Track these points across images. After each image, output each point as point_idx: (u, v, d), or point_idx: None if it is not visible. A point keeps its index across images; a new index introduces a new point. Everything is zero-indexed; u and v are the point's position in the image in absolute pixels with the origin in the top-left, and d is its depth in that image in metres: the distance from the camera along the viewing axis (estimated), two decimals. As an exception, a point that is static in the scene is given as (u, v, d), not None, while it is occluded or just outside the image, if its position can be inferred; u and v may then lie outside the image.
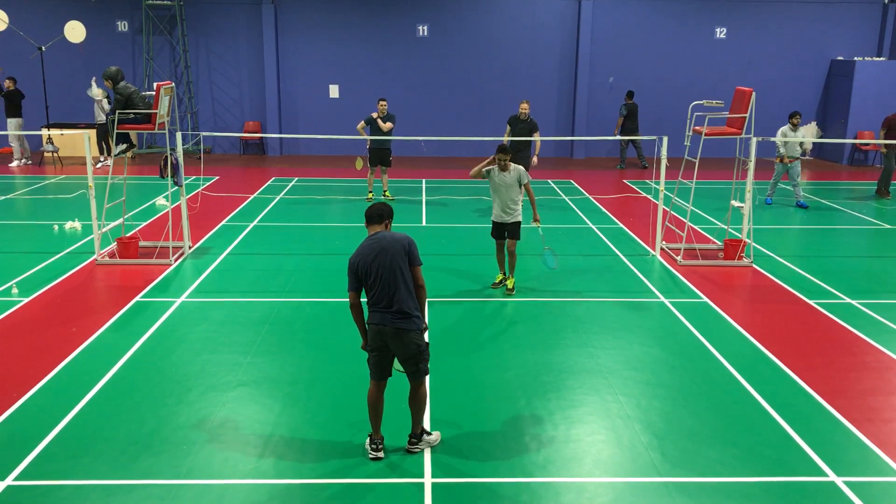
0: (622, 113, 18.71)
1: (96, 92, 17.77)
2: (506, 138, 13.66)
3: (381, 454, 5.60)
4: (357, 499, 5.11)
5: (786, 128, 14.26)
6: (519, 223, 9.18)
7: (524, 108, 13.55)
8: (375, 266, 5.35)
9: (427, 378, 5.67)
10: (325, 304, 8.88)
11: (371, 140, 13.98)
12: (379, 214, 5.65)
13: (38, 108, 19.00)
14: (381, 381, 5.61)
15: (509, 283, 9.37)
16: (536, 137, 13.49)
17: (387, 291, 5.34)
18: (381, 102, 13.94)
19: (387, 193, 14.66)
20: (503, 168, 8.94)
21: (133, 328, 8.00)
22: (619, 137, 16.58)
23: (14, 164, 18.02)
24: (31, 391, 6.52)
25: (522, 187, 9.09)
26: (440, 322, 8.21)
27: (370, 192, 14.62)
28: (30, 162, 18.43)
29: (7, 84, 17.66)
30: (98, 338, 7.72)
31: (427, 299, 5.67)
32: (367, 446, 5.62)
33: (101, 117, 17.91)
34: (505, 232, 9.19)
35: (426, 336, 5.71)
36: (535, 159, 13.63)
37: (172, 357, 7.29)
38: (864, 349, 7.73)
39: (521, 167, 9.07)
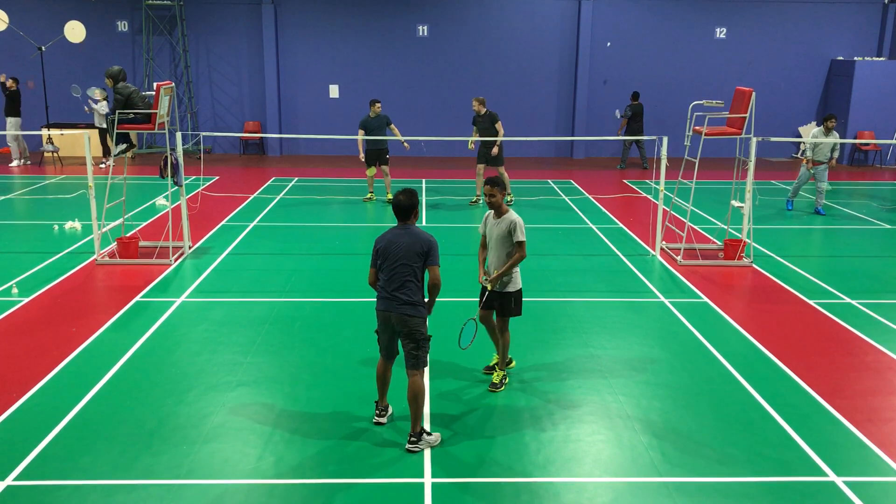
0: (626, 114, 18.78)
1: (96, 105, 17.72)
2: (472, 138, 13.96)
3: (383, 420, 6.07)
4: (357, 499, 5.10)
5: (818, 130, 13.71)
6: (513, 295, 6.63)
7: (475, 105, 13.91)
8: (391, 256, 5.62)
9: (426, 371, 5.75)
10: (325, 304, 8.88)
11: (366, 141, 13.93)
12: (407, 209, 5.68)
13: (38, 108, 19.01)
14: (388, 361, 5.94)
15: (496, 377, 6.73)
16: (499, 128, 13.89)
17: (394, 282, 5.60)
18: (376, 105, 13.84)
19: (389, 196, 14.47)
20: (495, 211, 6.59)
21: (133, 328, 8.00)
22: (623, 137, 16.60)
23: (14, 164, 18.02)
24: (32, 391, 6.52)
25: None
26: (440, 322, 8.20)
27: (370, 192, 14.60)
28: (29, 162, 18.42)
29: (10, 84, 17.66)
30: (98, 338, 7.72)
31: (438, 294, 5.74)
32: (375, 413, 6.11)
33: (101, 122, 17.91)
34: (494, 302, 6.65)
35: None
36: (495, 149, 13.77)
37: (172, 357, 7.29)
38: (864, 349, 7.73)
39: (515, 216, 6.53)
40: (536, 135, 19.72)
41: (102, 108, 17.67)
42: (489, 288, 6.57)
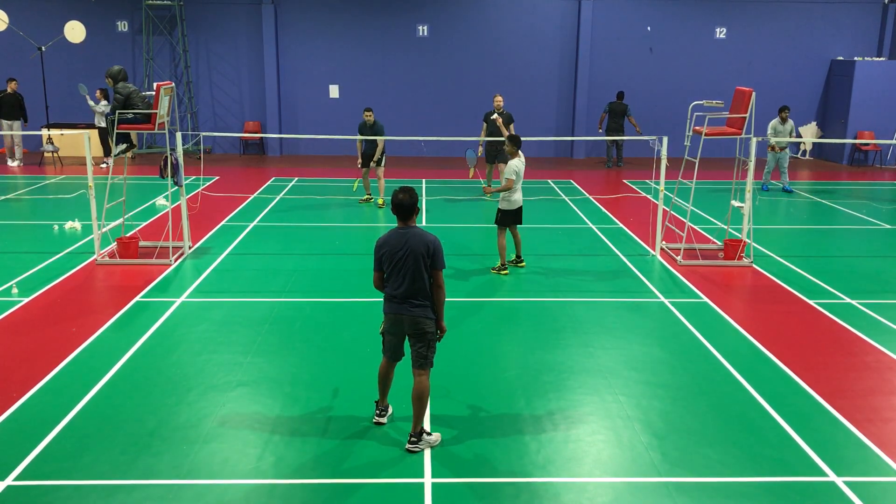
0: (605, 109, 18.95)
1: (94, 103, 17.70)
2: (482, 137, 14.26)
3: (383, 420, 6.02)
4: (357, 499, 5.11)
5: (775, 121, 15.64)
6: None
7: (499, 101, 14.36)
8: (397, 259, 5.54)
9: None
10: (324, 304, 8.88)
11: (361, 144, 13.88)
12: (409, 208, 5.56)
13: (38, 109, 19.01)
14: (393, 362, 5.91)
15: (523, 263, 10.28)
16: (511, 129, 14.17)
17: (405, 285, 5.54)
18: (367, 113, 13.56)
19: (381, 201, 14.12)
20: (517, 155, 9.78)
21: (133, 328, 8.00)
22: (603, 138, 16.99)
23: (16, 163, 17.99)
24: (32, 391, 6.52)
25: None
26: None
27: (367, 193, 14.53)
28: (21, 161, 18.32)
29: (12, 86, 17.61)
30: (98, 338, 7.72)
31: (445, 300, 5.73)
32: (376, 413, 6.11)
33: (101, 122, 17.90)
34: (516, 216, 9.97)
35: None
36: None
37: (172, 357, 7.29)
38: (864, 349, 7.73)
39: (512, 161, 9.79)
40: (536, 135, 19.71)
41: (101, 107, 17.65)
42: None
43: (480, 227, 12.81)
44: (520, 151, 9.84)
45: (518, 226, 10.18)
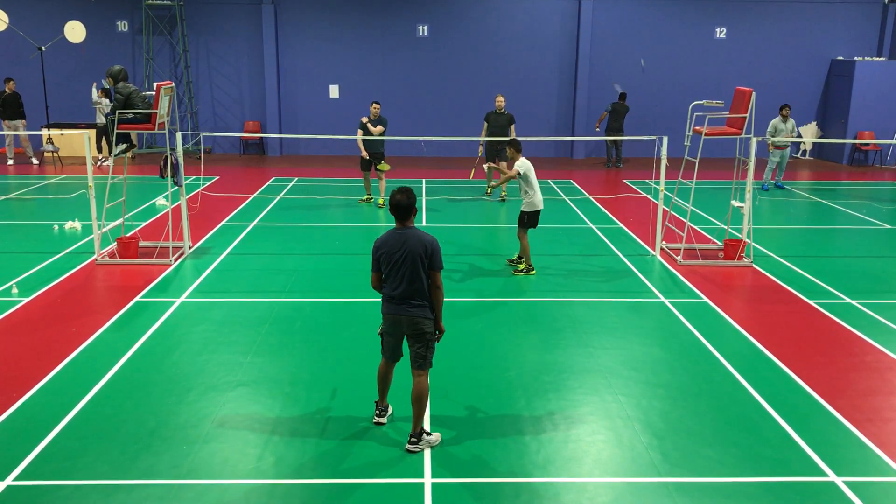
0: (606, 109, 18.95)
1: (96, 97, 17.73)
2: (482, 137, 14.35)
3: (383, 420, 6.06)
4: (357, 499, 5.11)
5: (776, 119, 15.80)
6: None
7: (501, 101, 14.48)
8: (395, 260, 5.52)
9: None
10: (325, 304, 8.88)
11: (364, 143, 13.87)
12: (406, 209, 5.54)
13: (38, 108, 19.01)
14: (392, 363, 5.91)
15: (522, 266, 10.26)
16: (513, 130, 14.43)
17: (403, 286, 5.53)
18: (374, 105, 13.66)
19: (381, 201, 14.12)
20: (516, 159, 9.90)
21: (133, 328, 8.00)
22: (603, 138, 17.01)
23: (22, 162, 17.94)
24: (31, 391, 6.52)
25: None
26: (443, 323, 8.19)
27: (367, 194, 14.52)
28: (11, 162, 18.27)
29: (10, 86, 17.58)
30: (98, 338, 7.72)
31: (444, 300, 5.73)
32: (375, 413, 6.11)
33: (101, 119, 17.90)
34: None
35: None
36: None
37: (172, 357, 7.29)
38: (864, 349, 7.73)
39: (521, 161, 9.86)
40: (536, 135, 19.72)
41: (101, 102, 17.62)
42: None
43: (481, 227, 12.81)
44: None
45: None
